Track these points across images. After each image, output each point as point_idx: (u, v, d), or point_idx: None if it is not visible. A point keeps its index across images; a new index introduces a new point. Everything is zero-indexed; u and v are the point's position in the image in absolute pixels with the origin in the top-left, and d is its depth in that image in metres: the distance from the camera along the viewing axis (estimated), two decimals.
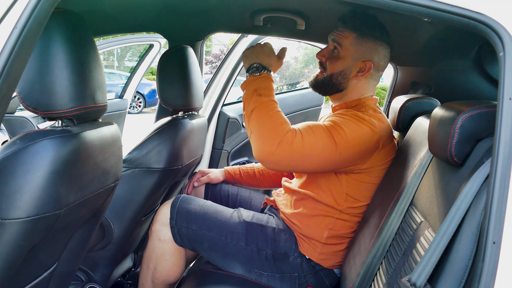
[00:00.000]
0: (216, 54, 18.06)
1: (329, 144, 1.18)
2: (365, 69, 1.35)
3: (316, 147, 1.18)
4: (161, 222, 1.44)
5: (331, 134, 1.19)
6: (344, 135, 1.19)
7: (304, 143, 1.17)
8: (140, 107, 11.05)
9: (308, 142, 1.17)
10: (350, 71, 1.35)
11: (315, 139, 1.18)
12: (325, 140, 1.18)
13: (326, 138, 1.19)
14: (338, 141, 1.18)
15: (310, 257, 1.36)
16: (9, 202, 0.78)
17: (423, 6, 0.74)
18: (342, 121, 1.22)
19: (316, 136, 1.19)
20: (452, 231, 0.70)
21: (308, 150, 1.18)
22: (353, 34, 1.33)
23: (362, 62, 1.34)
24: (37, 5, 0.71)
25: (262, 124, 1.20)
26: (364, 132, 1.22)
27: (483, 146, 0.79)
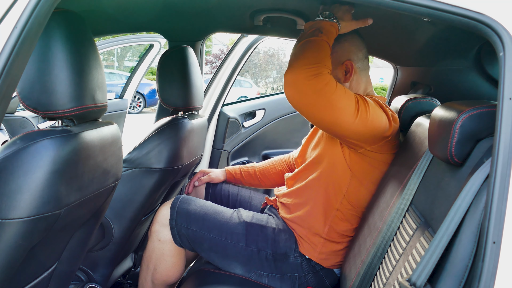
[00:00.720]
0: (216, 54, 18.06)
1: (352, 109, 1.17)
2: (349, 69, 1.36)
3: (341, 104, 1.16)
4: (160, 223, 1.44)
5: (358, 103, 1.18)
6: (368, 112, 1.19)
7: (335, 93, 1.14)
8: (140, 107, 11.05)
9: (337, 95, 1.15)
10: (338, 78, 1.37)
11: (344, 97, 1.16)
12: (351, 105, 1.17)
13: (353, 103, 1.17)
14: (360, 112, 1.18)
15: (310, 257, 1.36)
16: (9, 202, 0.78)
17: (423, 6, 0.74)
18: (369, 102, 1.22)
19: (346, 95, 1.17)
20: (452, 231, 0.70)
21: (334, 101, 1.15)
22: None
23: (342, 65, 1.36)
24: (37, 5, 0.71)
25: (311, 55, 1.16)
26: (383, 119, 1.23)
27: (483, 146, 0.79)
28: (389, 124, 1.25)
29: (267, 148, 2.71)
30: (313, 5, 1.51)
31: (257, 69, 18.62)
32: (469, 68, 1.52)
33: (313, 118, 1.22)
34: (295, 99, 1.19)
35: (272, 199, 1.60)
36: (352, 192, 1.33)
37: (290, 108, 2.71)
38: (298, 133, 2.75)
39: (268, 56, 18.60)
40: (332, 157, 1.33)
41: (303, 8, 1.54)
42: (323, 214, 1.35)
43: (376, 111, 1.22)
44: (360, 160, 1.30)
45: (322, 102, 1.15)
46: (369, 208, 1.31)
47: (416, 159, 1.11)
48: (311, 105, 1.18)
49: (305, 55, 1.17)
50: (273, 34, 2.08)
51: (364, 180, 1.32)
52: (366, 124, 1.19)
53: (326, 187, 1.35)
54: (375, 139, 1.25)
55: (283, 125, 2.70)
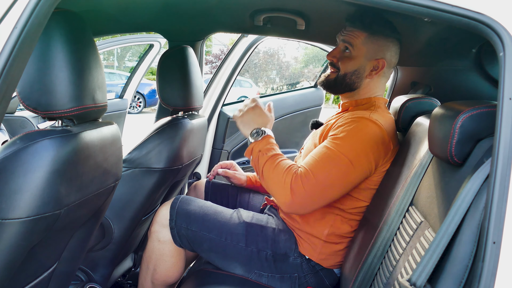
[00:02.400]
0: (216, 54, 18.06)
1: (343, 164, 1.19)
2: (378, 67, 1.36)
3: (331, 175, 1.19)
4: (160, 223, 1.43)
5: (340, 153, 1.19)
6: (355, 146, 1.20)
7: (316, 179, 1.18)
8: (140, 107, 11.05)
9: (321, 176, 1.18)
10: (364, 70, 1.37)
11: (327, 169, 1.19)
12: (338, 164, 1.19)
13: (338, 161, 1.19)
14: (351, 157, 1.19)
15: (310, 257, 1.36)
16: (9, 202, 0.78)
17: (423, 6, 0.74)
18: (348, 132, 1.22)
19: (326, 165, 1.19)
20: (452, 231, 0.70)
21: (325, 182, 1.18)
22: (364, 34, 1.34)
23: (375, 60, 1.36)
24: (37, 5, 0.71)
25: (271, 180, 1.23)
26: (373, 134, 1.23)
27: (483, 146, 0.79)
28: (384, 135, 1.25)
29: None
30: (313, 5, 1.51)
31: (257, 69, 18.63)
32: (469, 68, 1.52)
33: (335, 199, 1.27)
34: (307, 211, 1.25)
35: (272, 199, 1.60)
36: (349, 204, 1.33)
37: (290, 108, 2.71)
38: (298, 133, 2.75)
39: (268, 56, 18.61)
40: None
41: (303, 8, 1.54)
42: (323, 219, 1.35)
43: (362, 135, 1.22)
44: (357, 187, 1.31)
45: (321, 194, 1.19)
46: (369, 208, 1.31)
47: (416, 159, 1.11)
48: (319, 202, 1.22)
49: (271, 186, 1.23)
50: (273, 34, 2.08)
51: (361, 196, 1.32)
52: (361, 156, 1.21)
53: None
54: (380, 156, 1.26)
55: (283, 125, 2.70)
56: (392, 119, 1.35)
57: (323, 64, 3.00)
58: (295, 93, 2.83)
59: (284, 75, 19.00)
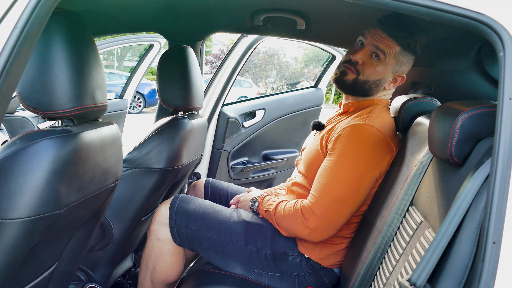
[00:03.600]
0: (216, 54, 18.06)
1: (351, 182, 1.21)
2: (397, 81, 1.37)
3: (341, 194, 1.21)
4: (159, 222, 1.43)
5: (345, 172, 1.21)
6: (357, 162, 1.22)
7: (326, 201, 1.21)
8: (140, 107, 11.05)
9: (330, 198, 1.21)
10: (385, 81, 1.37)
11: (335, 191, 1.21)
12: (345, 183, 1.21)
13: (344, 180, 1.21)
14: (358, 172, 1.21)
15: (309, 256, 1.36)
16: (9, 202, 0.78)
17: (423, 6, 0.74)
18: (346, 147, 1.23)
19: (334, 187, 1.21)
20: (452, 231, 0.70)
21: (336, 202, 1.21)
22: (398, 47, 1.31)
23: (396, 73, 1.36)
24: (37, 5, 0.71)
25: (288, 224, 1.30)
26: (372, 141, 1.24)
27: (483, 146, 0.79)
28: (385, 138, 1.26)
29: (267, 148, 2.71)
30: (313, 5, 1.51)
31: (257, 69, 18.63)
32: (469, 68, 1.52)
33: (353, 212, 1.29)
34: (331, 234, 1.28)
35: None
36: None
37: (290, 108, 2.71)
38: (298, 133, 2.75)
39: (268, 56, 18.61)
40: None
41: (303, 8, 1.54)
42: None
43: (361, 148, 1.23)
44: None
45: (336, 213, 1.24)
46: (369, 208, 1.31)
47: (416, 159, 1.11)
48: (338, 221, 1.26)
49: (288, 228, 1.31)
50: (273, 34, 2.08)
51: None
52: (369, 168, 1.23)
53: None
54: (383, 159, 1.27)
55: (283, 125, 2.70)
56: (391, 120, 1.35)
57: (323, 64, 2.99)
58: (295, 93, 2.83)
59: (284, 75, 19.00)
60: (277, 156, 2.71)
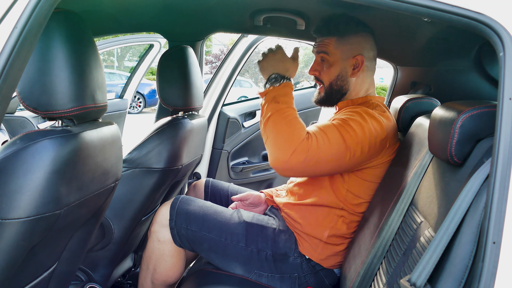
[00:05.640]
0: (216, 54, 18.06)
1: (342, 148, 1.19)
2: (358, 64, 1.38)
3: (330, 153, 1.19)
4: (160, 223, 1.43)
5: (343, 137, 1.19)
6: (356, 136, 1.20)
7: (319, 149, 1.17)
8: (140, 107, 11.05)
9: (323, 148, 1.18)
10: (346, 72, 1.38)
11: (329, 145, 1.18)
12: (339, 145, 1.19)
13: (340, 142, 1.19)
14: (350, 144, 1.19)
15: (310, 257, 1.36)
16: (9, 202, 0.78)
17: (423, 6, 0.74)
18: (353, 121, 1.22)
19: (331, 141, 1.19)
20: (452, 231, 0.70)
21: (323, 156, 1.18)
22: (333, 38, 1.37)
23: (352, 58, 1.37)
24: (37, 5, 0.71)
25: (278, 131, 1.20)
26: (373, 129, 1.23)
27: (483, 146, 0.79)
28: (382, 132, 1.25)
29: None
30: (313, 5, 1.51)
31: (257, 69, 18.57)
32: (469, 68, 1.52)
33: (316, 175, 1.28)
34: (291, 175, 1.26)
35: (272, 199, 1.60)
36: (350, 202, 1.33)
37: None
38: None
39: None
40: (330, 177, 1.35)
41: (303, 8, 1.54)
42: (324, 220, 1.35)
43: (362, 125, 1.22)
44: (358, 175, 1.31)
45: (314, 165, 1.19)
46: (369, 208, 1.31)
47: (416, 159, 1.11)
48: (307, 172, 1.23)
49: (275, 135, 1.20)
50: (273, 34, 2.08)
51: (361, 193, 1.33)
52: (360, 147, 1.21)
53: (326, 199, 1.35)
54: (374, 152, 1.26)
55: None
56: (391, 116, 1.35)
57: None
58: (295, 93, 2.79)
59: None
60: None
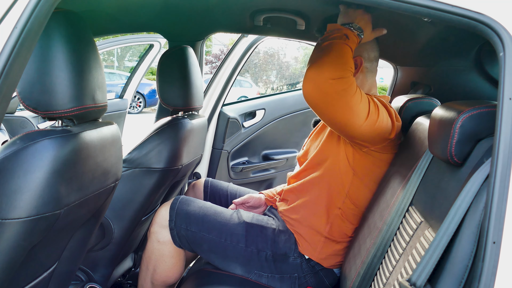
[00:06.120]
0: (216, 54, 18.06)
1: (365, 113, 1.17)
2: (357, 65, 1.37)
3: (357, 107, 1.16)
4: (160, 224, 1.43)
5: (369, 107, 1.18)
6: (377, 115, 1.19)
7: (354, 96, 1.14)
8: (140, 107, 11.05)
9: (356, 98, 1.15)
10: None
11: (361, 101, 1.16)
12: (365, 108, 1.17)
13: (366, 107, 1.17)
14: (371, 115, 1.18)
15: (310, 257, 1.36)
16: (9, 202, 0.78)
17: (423, 6, 0.74)
18: (379, 105, 1.23)
19: (363, 100, 1.17)
20: (452, 231, 0.70)
21: (351, 103, 1.15)
22: None
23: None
24: (37, 5, 0.71)
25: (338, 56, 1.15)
26: (388, 122, 1.23)
27: (483, 146, 0.79)
28: (392, 126, 1.25)
29: (267, 148, 2.71)
30: (313, 5, 1.51)
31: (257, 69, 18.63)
32: (469, 68, 1.52)
33: (325, 116, 1.22)
34: (313, 95, 1.17)
35: (271, 199, 1.60)
36: (354, 192, 1.33)
37: (290, 108, 2.71)
38: (298, 133, 2.75)
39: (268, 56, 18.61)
40: (335, 157, 1.34)
41: (303, 8, 1.54)
42: (325, 212, 1.35)
43: (384, 114, 1.22)
44: (363, 159, 1.30)
45: (340, 104, 1.15)
46: (369, 208, 1.31)
47: (416, 159, 1.11)
48: (328, 103, 1.17)
49: (331, 55, 1.16)
50: (273, 34, 2.08)
51: (366, 179, 1.32)
52: (373, 127, 1.20)
53: (329, 186, 1.35)
54: (380, 140, 1.26)
55: (283, 125, 2.70)
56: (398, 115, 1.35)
57: None
58: (295, 93, 2.83)
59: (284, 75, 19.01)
60: (277, 156, 2.71)
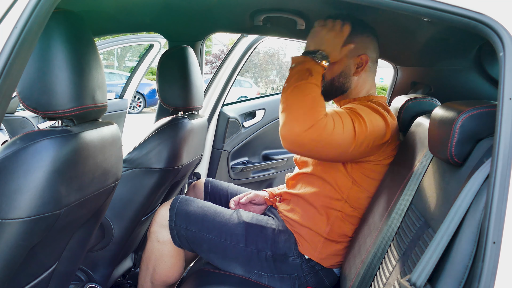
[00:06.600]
0: (216, 54, 18.07)
1: (351, 136, 1.17)
2: (362, 63, 1.37)
3: (341, 138, 1.16)
4: (159, 224, 1.43)
5: (354, 126, 1.17)
6: (365, 129, 1.18)
7: (333, 131, 1.14)
8: (140, 107, 11.06)
9: (337, 132, 1.15)
10: (350, 69, 1.37)
11: (342, 130, 1.16)
12: (349, 132, 1.16)
13: (351, 130, 1.17)
14: (359, 135, 1.17)
15: (310, 257, 1.36)
16: (9, 202, 0.78)
17: (423, 6, 0.74)
18: (364, 112, 1.22)
19: (344, 127, 1.16)
20: (452, 231, 0.70)
21: (334, 139, 1.15)
22: None
23: (357, 57, 1.36)
24: (37, 5, 0.71)
25: (302, 103, 1.15)
26: (380, 124, 1.23)
27: (483, 146, 0.79)
28: (387, 128, 1.24)
29: (267, 148, 2.71)
30: (313, 5, 1.51)
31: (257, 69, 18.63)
32: (469, 68, 1.52)
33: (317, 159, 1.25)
34: (295, 150, 1.21)
35: (271, 199, 1.60)
36: (353, 196, 1.33)
37: None
38: None
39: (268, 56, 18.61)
40: (333, 168, 1.34)
41: (303, 8, 1.54)
42: (325, 214, 1.35)
43: (370, 117, 1.21)
44: (361, 168, 1.31)
45: (323, 146, 1.15)
46: (369, 208, 1.31)
47: (416, 159, 1.11)
48: (312, 151, 1.18)
49: (296, 105, 1.15)
50: (273, 34, 2.08)
51: (365, 184, 1.32)
52: (366, 139, 1.19)
53: (327, 191, 1.35)
54: (375, 148, 1.26)
55: None
56: (393, 115, 1.35)
57: None
58: None
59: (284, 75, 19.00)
60: (277, 156, 2.71)
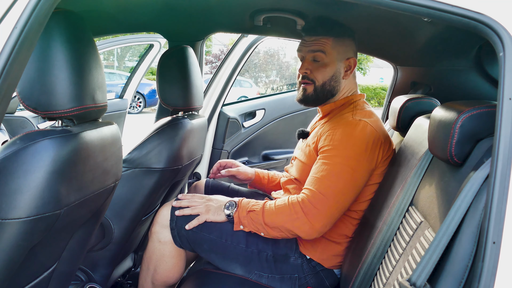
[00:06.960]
0: (216, 54, 18.06)
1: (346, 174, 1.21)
2: (351, 66, 1.41)
3: (338, 187, 1.21)
4: (161, 224, 1.43)
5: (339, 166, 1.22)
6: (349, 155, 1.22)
7: (325, 195, 1.20)
8: (140, 107, 11.06)
9: (329, 191, 1.21)
10: (340, 73, 1.41)
11: (332, 184, 1.21)
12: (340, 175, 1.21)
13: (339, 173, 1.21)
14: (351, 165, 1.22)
15: (311, 257, 1.36)
16: (9, 202, 0.78)
17: (423, 6, 0.75)
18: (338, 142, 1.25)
19: (330, 180, 1.21)
20: (452, 231, 0.70)
21: (334, 195, 1.21)
22: (330, 38, 1.37)
23: (346, 60, 1.40)
24: (37, 5, 0.71)
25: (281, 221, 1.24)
26: (360, 134, 1.25)
27: (483, 146, 0.79)
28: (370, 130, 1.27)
29: (267, 148, 2.71)
30: (313, 5, 1.51)
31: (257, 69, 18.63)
32: (469, 68, 1.52)
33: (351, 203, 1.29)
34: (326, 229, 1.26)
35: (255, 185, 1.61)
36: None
37: (290, 108, 2.71)
38: None
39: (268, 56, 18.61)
40: None
41: (303, 8, 1.54)
42: None
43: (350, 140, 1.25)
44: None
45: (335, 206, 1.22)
46: (369, 208, 1.31)
47: (416, 159, 1.11)
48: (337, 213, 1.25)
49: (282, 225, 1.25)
50: (273, 34, 2.08)
51: (363, 192, 1.33)
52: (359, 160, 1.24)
53: None
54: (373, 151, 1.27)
55: (283, 125, 2.70)
56: (373, 113, 1.38)
57: None
58: (295, 93, 2.83)
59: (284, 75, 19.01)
60: (277, 156, 2.71)
